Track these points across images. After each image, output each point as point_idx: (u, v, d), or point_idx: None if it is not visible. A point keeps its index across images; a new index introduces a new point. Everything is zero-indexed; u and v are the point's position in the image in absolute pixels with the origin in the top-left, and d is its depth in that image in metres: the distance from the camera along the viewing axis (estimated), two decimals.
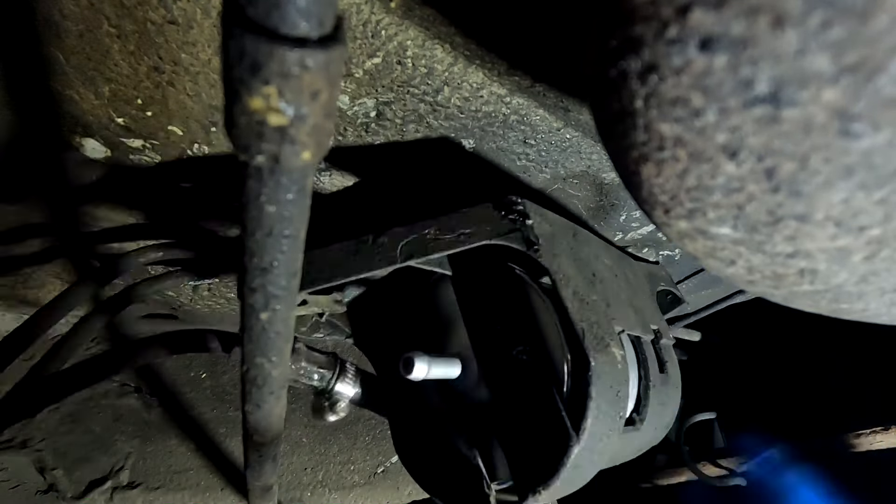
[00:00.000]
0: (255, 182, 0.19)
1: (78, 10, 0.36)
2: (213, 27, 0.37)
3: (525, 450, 0.43)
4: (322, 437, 0.77)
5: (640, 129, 0.23)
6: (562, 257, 0.44)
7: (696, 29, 0.18)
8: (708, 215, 0.24)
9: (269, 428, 0.36)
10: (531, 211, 0.45)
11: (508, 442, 0.45)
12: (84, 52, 0.39)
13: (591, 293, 0.44)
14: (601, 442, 0.39)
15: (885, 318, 0.29)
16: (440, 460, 0.51)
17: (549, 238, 0.44)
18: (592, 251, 0.50)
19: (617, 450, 0.45)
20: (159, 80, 0.41)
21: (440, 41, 0.38)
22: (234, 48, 0.15)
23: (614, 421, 0.40)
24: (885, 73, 0.16)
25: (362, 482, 0.78)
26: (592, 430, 0.38)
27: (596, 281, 0.47)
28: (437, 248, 0.42)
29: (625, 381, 0.41)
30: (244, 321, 0.26)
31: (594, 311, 0.43)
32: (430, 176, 0.52)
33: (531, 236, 0.43)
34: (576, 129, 0.47)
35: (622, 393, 0.41)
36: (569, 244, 0.47)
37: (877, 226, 0.21)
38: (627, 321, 0.47)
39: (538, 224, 0.44)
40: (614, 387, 0.40)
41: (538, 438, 0.41)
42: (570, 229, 0.49)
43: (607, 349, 0.40)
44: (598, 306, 0.44)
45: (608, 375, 0.39)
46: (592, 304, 0.43)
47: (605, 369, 0.39)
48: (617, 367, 0.41)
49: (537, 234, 0.43)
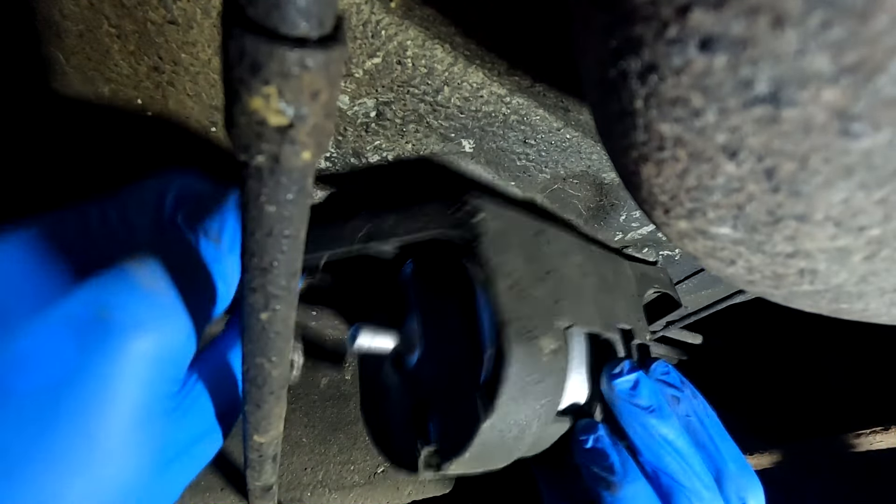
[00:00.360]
0: (255, 182, 0.19)
1: (78, 9, 0.36)
2: (213, 27, 0.37)
3: (451, 423, 0.47)
4: (322, 437, 0.77)
5: (639, 129, 0.23)
6: (508, 253, 0.47)
7: (696, 29, 0.18)
8: (708, 215, 0.24)
9: (269, 428, 0.36)
10: (483, 209, 0.47)
11: (441, 416, 0.49)
12: (84, 52, 0.39)
13: (537, 289, 0.47)
14: (515, 425, 0.43)
15: (885, 318, 0.29)
16: (391, 428, 0.57)
17: (498, 234, 0.47)
18: (558, 249, 0.53)
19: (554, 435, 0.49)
20: (159, 81, 0.41)
21: (440, 41, 0.38)
22: (233, 48, 0.15)
23: (533, 409, 0.44)
24: (884, 73, 0.16)
25: (362, 482, 0.78)
26: (502, 411, 0.42)
27: (549, 278, 0.49)
28: (393, 235, 0.46)
29: (554, 373, 0.45)
30: (244, 321, 0.26)
31: (532, 305, 0.46)
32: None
33: (474, 232, 0.46)
34: (576, 129, 0.47)
35: (547, 383, 0.44)
36: (523, 241, 0.49)
37: (877, 226, 0.21)
38: (582, 317, 0.50)
39: (488, 221, 0.47)
40: (534, 376, 0.43)
41: (460, 415, 0.45)
42: (531, 228, 0.51)
43: (532, 341, 0.44)
44: (541, 301, 0.47)
45: (527, 365, 0.43)
46: (533, 299, 0.46)
47: (523, 359, 0.43)
48: (541, 359, 0.44)
49: (482, 230, 0.46)
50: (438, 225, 0.47)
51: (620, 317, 0.55)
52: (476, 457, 0.44)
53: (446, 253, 0.52)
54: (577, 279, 0.52)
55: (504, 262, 0.46)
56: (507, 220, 0.49)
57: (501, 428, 0.43)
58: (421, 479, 0.82)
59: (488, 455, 0.45)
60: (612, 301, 0.55)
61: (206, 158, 0.49)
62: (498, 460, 0.47)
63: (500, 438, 0.43)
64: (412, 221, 0.47)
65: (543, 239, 0.52)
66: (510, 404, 0.42)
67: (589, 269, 0.55)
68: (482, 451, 0.43)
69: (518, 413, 0.43)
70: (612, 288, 0.56)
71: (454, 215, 0.47)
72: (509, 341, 0.42)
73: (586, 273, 0.54)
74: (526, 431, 0.44)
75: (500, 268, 0.45)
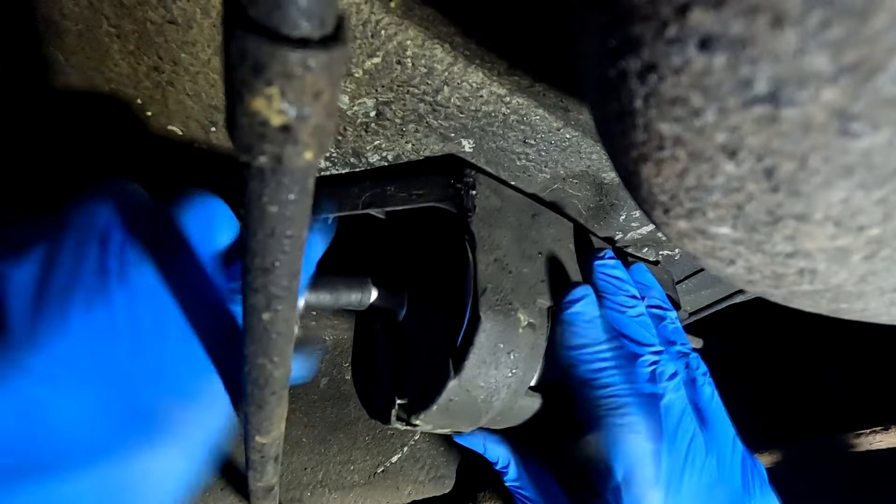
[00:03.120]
0: (257, 182, 0.19)
1: (77, 9, 0.36)
2: (212, 27, 0.37)
3: (424, 380, 0.49)
4: (322, 437, 0.77)
5: (639, 129, 0.23)
6: (500, 229, 0.49)
7: (696, 28, 0.18)
8: (707, 215, 0.24)
9: (270, 429, 0.36)
10: (481, 184, 0.49)
11: (417, 373, 0.51)
12: (83, 51, 0.39)
13: (524, 266, 0.49)
14: (483, 388, 0.45)
15: (885, 318, 0.29)
16: (374, 382, 0.61)
17: (493, 211, 0.49)
18: (554, 234, 0.54)
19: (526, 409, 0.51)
20: (159, 80, 0.41)
21: (440, 41, 0.38)
22: (235, 49, 0.15)
23: (503, 376, 0.46)
24: (884, 73, 0.16)
25: (362, 482, 0.78)
26: (470, 373, 0.44)
27: (539, 259, 0.51)
28: (392, 202, 0.48)
29: (528, 346, 0.47)
30: (246, 322, 0.26)
31: (516, 280, 0.48)
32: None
33: (469, 204, 0.48)
34: (575, 128, 0.47)
35: (518, 355, 0.46)
36: (519, 221, 0.51)
37: (876, 225, 0.21)
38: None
39: (484, 196, 0.49)
40: (505, 346, 0.45)
41: (434, 373, 0.47)
42: (529, 209, 0.53)
43: (510, 312, 0.46)
44: (526, 278, 0.49)
45: (500, 333, 0.45)
46: (518, 275, 0.48)
47: (496, 327, 0.45)
48: (517, 331, 0.46)
49: (478, 204, 0.48)
50: (436, 196, 0.49)
51: None
52: (443, 412, 0.46)
53: (443, 223, 0.54)
54: (570, 264, 0.54)
55: (493, 236, 0.48)
56: (503, 199, 0.51)
57: (469, 388, 0.45)
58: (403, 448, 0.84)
59: (455, 413, 0.47)
60: None
61: (205, 159, 0.49)
62: (465, 420, 0.49)
63: (467, 398, 0.45)
64: (413, 190, 0.49)
65: (541, 221, 0.54)
66: (480, 367, 0.44)
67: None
68: (449, 407, 0.46)
69: (487, 377, 0.45)
70: None
71: (452, 187, 0.48)
72: (484, 308, 0.44)
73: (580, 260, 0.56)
74: (494, 397, 0.47)
75: (487, 240, 0.47)
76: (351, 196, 0.49)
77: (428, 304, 0.54)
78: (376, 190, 0.49)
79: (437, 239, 0.55)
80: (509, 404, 0.48)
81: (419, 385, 0.50)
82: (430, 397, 0.45)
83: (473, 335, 0.44)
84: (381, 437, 0.82)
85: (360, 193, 0.49)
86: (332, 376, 0.80)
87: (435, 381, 0.46)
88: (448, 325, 0.48)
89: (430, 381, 0.47)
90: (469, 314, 0.45)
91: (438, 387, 0.45)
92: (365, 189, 0.50)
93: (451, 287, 0.50)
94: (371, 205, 0.49)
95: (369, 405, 0.60)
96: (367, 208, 0.49)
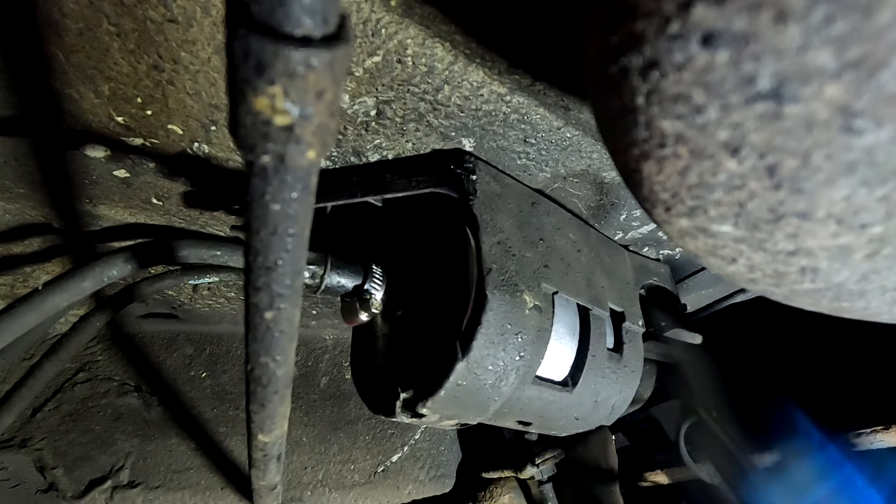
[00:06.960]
0: (260, 181, 0.19)
1: (77, 8, 0.36)
2: (212, 25, 0.37)
3: (430, 368, 0.48)
4: (322, 437, 0.77)
5: (641, 126, 0.23)
6: (502, 214, 0.49)
7: (699, 24, 0.18)
8: (709, 213, 0.24)
9: (273, 427, 0.36)
10: (481, 170, 0.50)
11: (422, 362, 0.50)
12: (84, 50, 0.38)
13: (526, 251, 0.49)
14: (491, 371, 0.44)
15: (887, 317, 0.29)
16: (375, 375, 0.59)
17: (494, 196, 0.49)
18: (554, 222, 0.54)
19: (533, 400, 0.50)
20: (159, 79, 0.41)
21: (440, 40, 0.38)
22: (238, 49, 0.15)
23: (511, 359, 0.45)
24: (888, 69, 0.16)
25: (362, 481, 0.78)
26: (478, 353, 0.43)
27: (541, 244, 0.51)
28: (392, 189, 0.48)
29: (535, 329, 0.46)
30: (249, 320, 0.26)
31: (520, 263, 0.47)
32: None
33: (470, 188, 0.48)
34: (576, 127, 0.47)
35: (526, 338, 0.45)
36: (519, 207, 0.51)
37: (878, 223, 0.21)
38: (570, 288, 0.51)
39: (484, 182, 0.49)
40: (513, 327, 0.44)
41: (440, 359, 0.46)
42: (528, 197, 0.53)
43: (516, 293, 0.45)
44: (529, 262, 0.48)
45: (507, 313, 0.44)
46: (522, 258, 0.48)
47: (503, 307, 0.44)
48: (524, 312, 0.45)
49: (478, 188, 0.48)
50: (437, 180, 0.48)
51: (613, 298, 0.56)
52: (450, 399, 0.45)
53: (444, 209, 0.53)
54: (570, 252, 0.54)
55: (494, 220, 0.48)
56: (503, 186, 0.51)
57: (477, 371, 0.44)
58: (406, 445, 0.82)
59: (462, 400, 0.45)
60: (605, 282, 0.56)
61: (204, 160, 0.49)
62: (472, 409, 0.47)
63: (475, 383, 0.44)
64: (412, 176, 0.49)
65: (540, 209, 0.54)
66: (488, 347, 0.43)
67: (583, 246, 0.56)
68: (457, 393, 0.44)
69: (495, 359, 0.44)
70: (607, 270, 0.58)
71: (451, 173, 0.48)
72: (490, 287, 0.44)
73: (580, 249, 0.55)
74: (503, 381, 0.45)
75: (489, 224, 0.47)
76: (349, 184, 0.49)
77: (430, 291, 0.53)
78: (375, 177, 0.49)
79: (435, 228, 0.54)
80: (517, 392, 0.47)
81: (425, 374, 0.49)
82: (438, 382, 0.44)
83: (481, 314, 0.43)
84: (382, 437, 0.82)
85: (359, 181, 0.49)
86: (332, 376, 0.80)
87: (441, 365, 0.44)
88: (451, 312, 0.47)
89: (436, 367, 0.45)
90: (475, 294, 0.44)
91: (446, 370, 0.43)
92: (364, 177, 0.49)
93: (454, 273, 0.49)
94: (370, 191, 0.48)
95: (371, 401, 0.59)
96: (366, 195, 0.48)
